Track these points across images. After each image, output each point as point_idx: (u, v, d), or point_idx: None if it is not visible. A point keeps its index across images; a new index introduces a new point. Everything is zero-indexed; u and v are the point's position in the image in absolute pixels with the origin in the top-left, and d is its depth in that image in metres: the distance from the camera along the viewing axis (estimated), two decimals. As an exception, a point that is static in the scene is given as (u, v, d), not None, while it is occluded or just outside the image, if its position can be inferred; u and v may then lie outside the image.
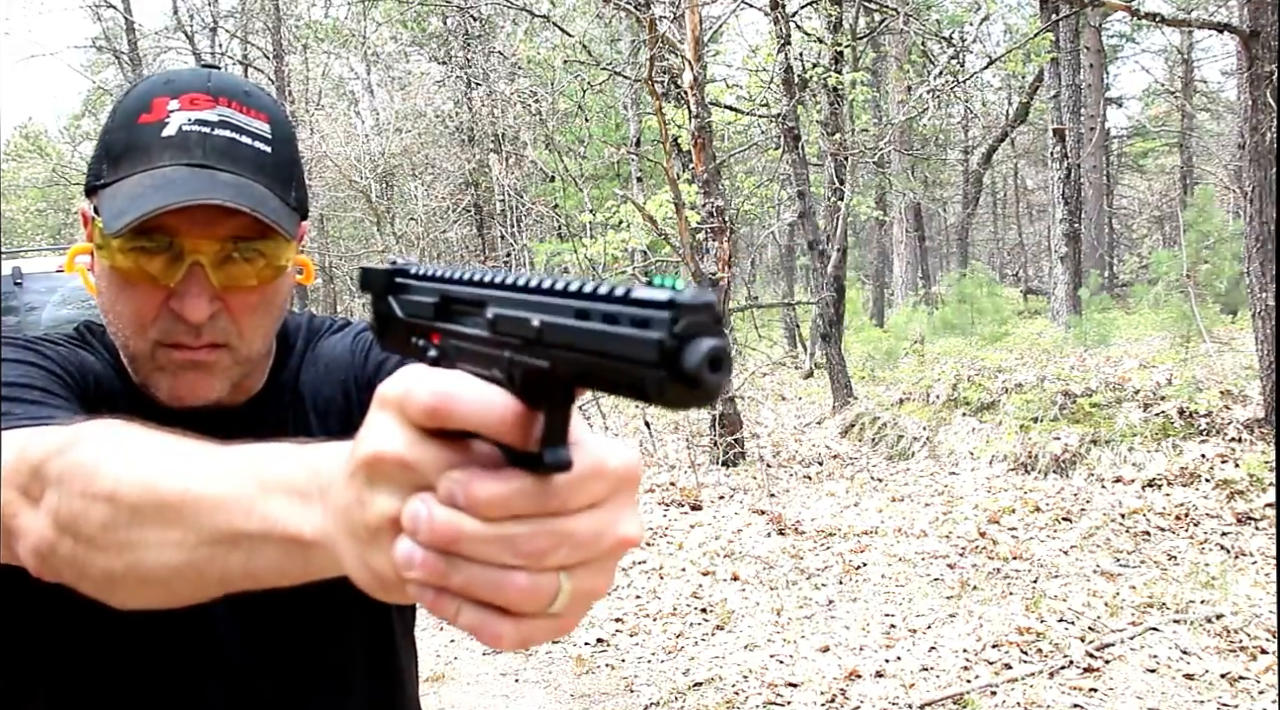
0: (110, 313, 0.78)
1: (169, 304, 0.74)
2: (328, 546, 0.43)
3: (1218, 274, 9.33)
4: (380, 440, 0.39)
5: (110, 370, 0.82)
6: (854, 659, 3.37)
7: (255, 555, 0.47)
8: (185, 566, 0.49)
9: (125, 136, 0.76)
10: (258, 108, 0.78)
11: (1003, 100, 22.69)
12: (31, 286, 5.76)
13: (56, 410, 0.68)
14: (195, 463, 0.51)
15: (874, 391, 8.08)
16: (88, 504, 0.52)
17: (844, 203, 8.60)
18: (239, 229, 0.74)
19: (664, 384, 0.32)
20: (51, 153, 24.26)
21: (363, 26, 16.47)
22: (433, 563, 0.37)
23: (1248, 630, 3.29)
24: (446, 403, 0.37)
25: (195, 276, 0.73)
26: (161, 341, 0.75)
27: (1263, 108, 4.77)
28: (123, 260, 0.73)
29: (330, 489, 0.43)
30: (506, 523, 0.36)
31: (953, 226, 21.51)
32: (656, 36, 6.75)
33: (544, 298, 0.37)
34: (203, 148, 0.74)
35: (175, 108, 0.75)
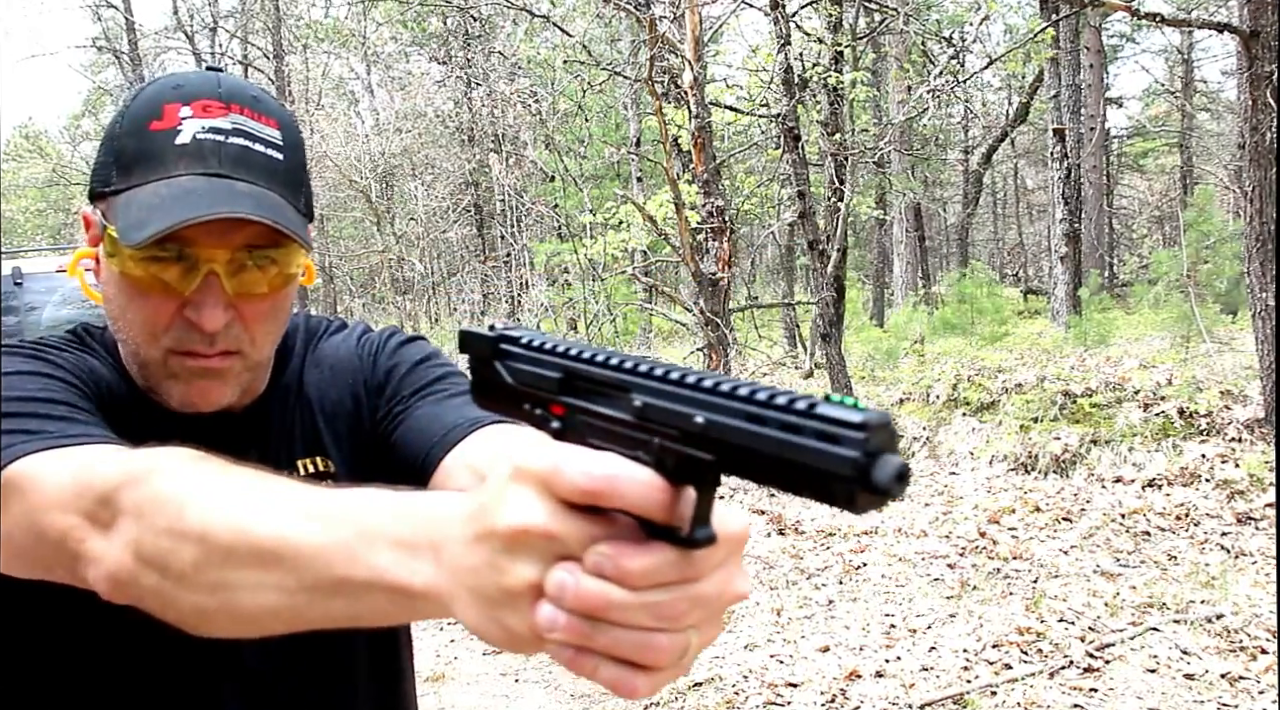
0: (120, 319, 0.77)
1: (183, 313, 0.74)
2: (438, 598, 0.45)
3: (1218, 274, 9.33)
4: (524, 514, 0.41)
5: (113, 373, 0.82)
6: (854, 659, 3.37)
7: (359, 602, 0.49)
8: (284, 609, 0.51)
9: (136, 143, 0.75)
10: (267, 113, 0.78)
11: (1003, 100, 22.69)
12: (32, 286, 5.79)
13: (88, 427, 0.68)
14: (287, 506, 0.52)
15: (874, 391, 8.08)
16: (176, 542, 0.53)
17: (844, 203, 8.60)
18: (253, 237, 0.74)
19: (854, 494, 0.35)
20: (52, 153, 24.27)
21: (363, 27, 16.47)
22: (577, 626, 0.40)
23: (1248, 630, 3.29)
24: (610, 486, 0.40)
25: (210, 285, 0.73)
26: (174, 349, 0.75)
27: (1263, 108, 4.77)
28: (136, 269, 0.73)
29: (445, 546, 0.45)
30: (651, 591, 0.40)
31: (953, 226, 21.52)
32: (656, 36, 6.75)
33: (699, 394, 0.40)
34: (218, 157, 0.74)
35: (188, 115, 0.75)
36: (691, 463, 0.40)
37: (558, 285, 12.14)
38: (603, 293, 9.46)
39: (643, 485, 0.40)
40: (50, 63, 49.75)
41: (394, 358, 0.90)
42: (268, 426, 0.86)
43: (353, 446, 0.88)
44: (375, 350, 0.91)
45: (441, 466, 0.80)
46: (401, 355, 0.90)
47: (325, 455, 0.87)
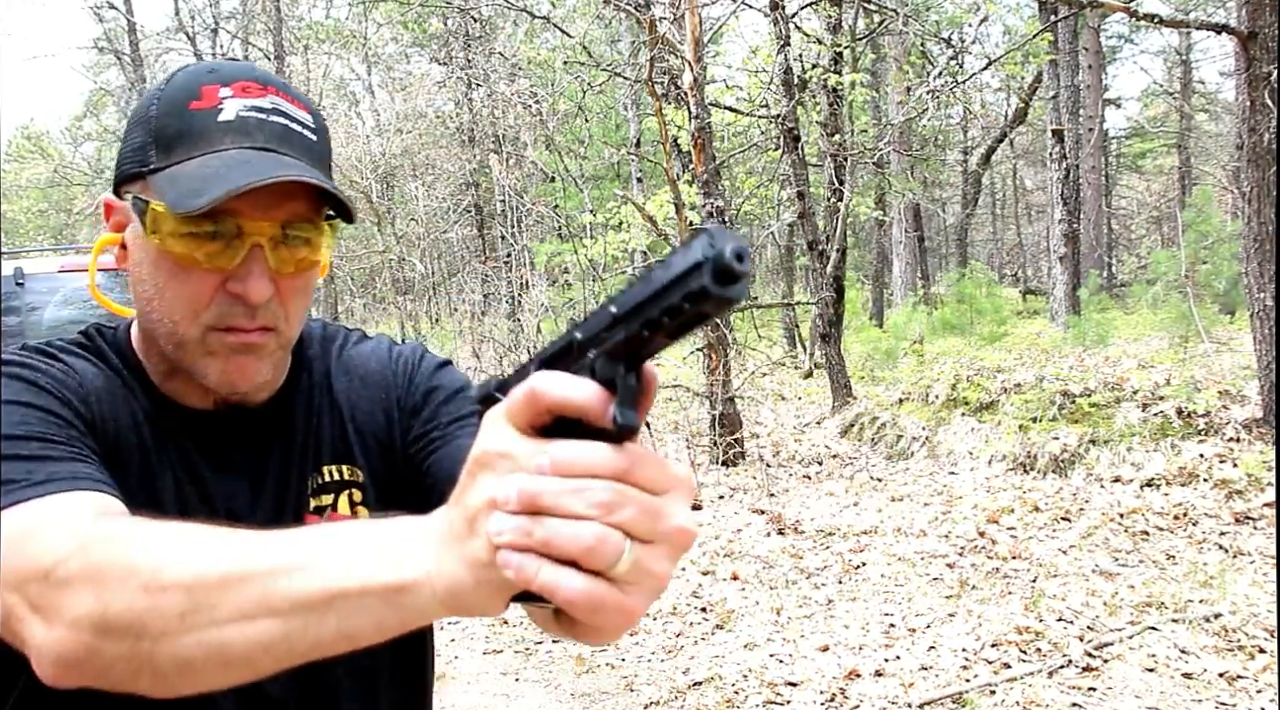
0: (156, 299, 0.76)
1: (226, 287, 0.74)
2: (429, 581, 0.48)
3: (1216, 274, 9.34)
4: (486, 440, 0.47)
5: (120, 375, 0.81)
6: (853, 658, 3.38)
7: (351, 614, 0.50)
8: (277, 639, 0.51)
9: (177, 123, 0.75)
10: (299, 99, 0.80)
11: (1001, 101, 22.69)
12: (33, 287, 5.80)
13: (59, 464, 0.66)
14: (273, 541, 0.53)
15: (873, 391, 8.09)
16: (156, 597, 0.52)
17: (843, 203, 8.61)
18: (293, 214, 0.75)
19: (714, 297, 0.42)
20: (53, 154, 24.26)
21: (364, 28, 16.47)
22: (520, 524, 0.44)
23: (1246, 629, 3.30)
24: (538, 386, 0.45)
25: (256, 258, 0.74)
26: (214, 325, 0.75)
27: (1261, 108, 4.78)
28: (179, 245, 0.72)
29: (431, 526, 0.49)
30: (582, 479, 0.43)
31: (952, 227, 21.52)
32: (656, 37, 6.76)
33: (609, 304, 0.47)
34: (263, 132, 0.75)
35: (228, 94, 0.75)
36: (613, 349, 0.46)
37: (558, 285, 12.15)
38: (603, 293, 9.47)
39: (568, 381, 0.45)
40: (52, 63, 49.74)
41: (432, 380, 0.89)
42: (291, 425, 0.86)
43: (381, 462, 0.87)
44: (411, 369, 0.90)
45: None
46: (440, 380, 0.90)
47: (354, 464, 0.87)
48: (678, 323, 0.43)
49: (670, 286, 0.42)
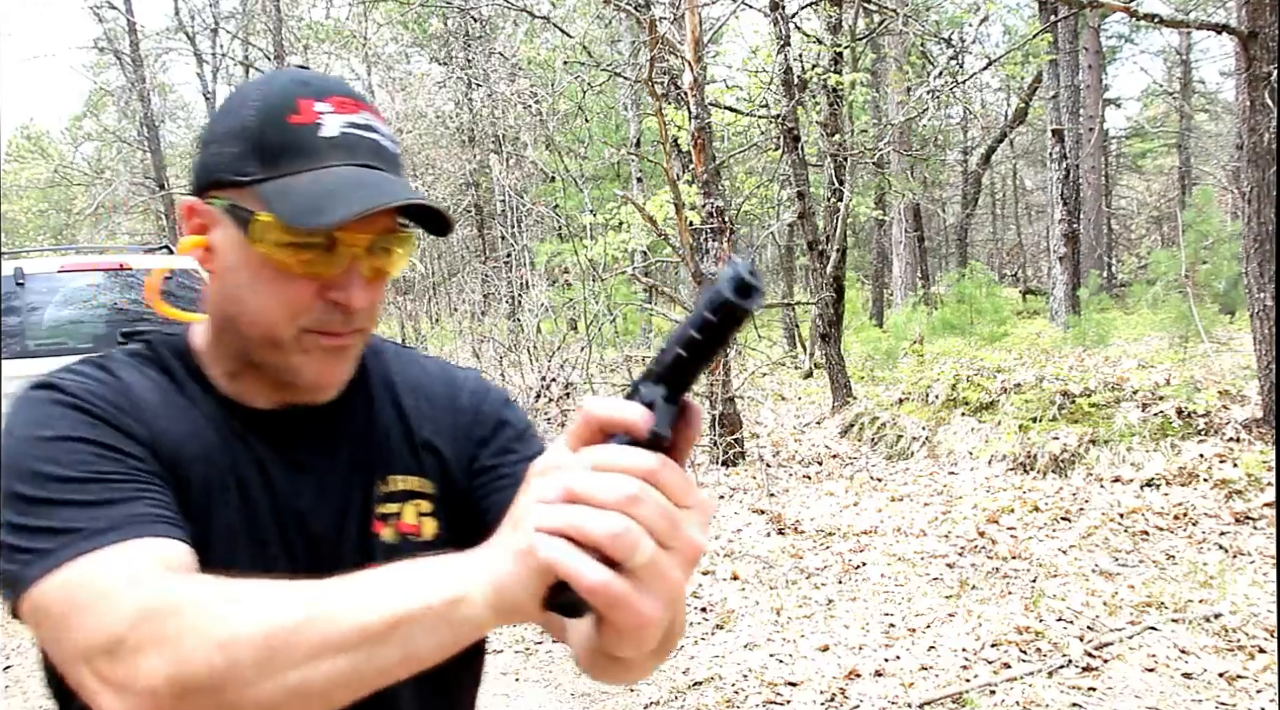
0: (251, 302, 0.79)
1: (324, 294, 0.78)
2: (477, 585, 0.53)
3: (1216, 274, 9.34)
4: (543, 458, 0.54)
5: (180, 384, 0.83)
6: (853, 658, 3.38)
7: (411, 637, 0.55)
8: (347, 672, 0.55)
9: (279, 136, 0.77)
10: (376, 111, 0.84)
11: (1001, 101, 22.70)
12: (33, 287, 5.79)
13: (119, 507, 0.67)
14: (330, 584, 0.58)
15: (873, 391, 8.09)
16: (230, 652, 0.55)
17: (843, 203, 8.61)
18: (384, 227, 0.79)
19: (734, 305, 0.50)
20: (53, 154, 24.26)
21: (364, 28, 16.46)
22: (555, 508, 0.50)
23: (1246, 629, 3.30)
24: (589, 408, 0.53)
25: (356, 269, 0.78)
26: (311, 329, 0.79)
27: (1261, 108, 4.78)
28: (284, 253, 0.76)
29: (490, 540, 0.55)
30: (612, 473, 0.50)
31: (952, 227, 21.52)
32: (656, 38, 6.76)
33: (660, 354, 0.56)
34: (363, 149, 0.79)
35: (326, 110, 0.79)
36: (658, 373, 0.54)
37: (558, 285, 12.15)
38: (603, 293, 9.47)
39: (614, 404, 0.52)
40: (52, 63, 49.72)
41: (501, 414, 0.92)
42: (357, 428, 0.87)
43: (443, 483, 0.89)
44: (478, 399, 0.92)
45: None
46: (509, 415, 0.93)
47: (423, 477, 0.88)
48: (705, 337, 0.50)
49: (699, 308, 0.50)
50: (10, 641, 4.19)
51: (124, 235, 22.76)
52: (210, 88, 20.24)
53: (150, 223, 22.54)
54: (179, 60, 20.79)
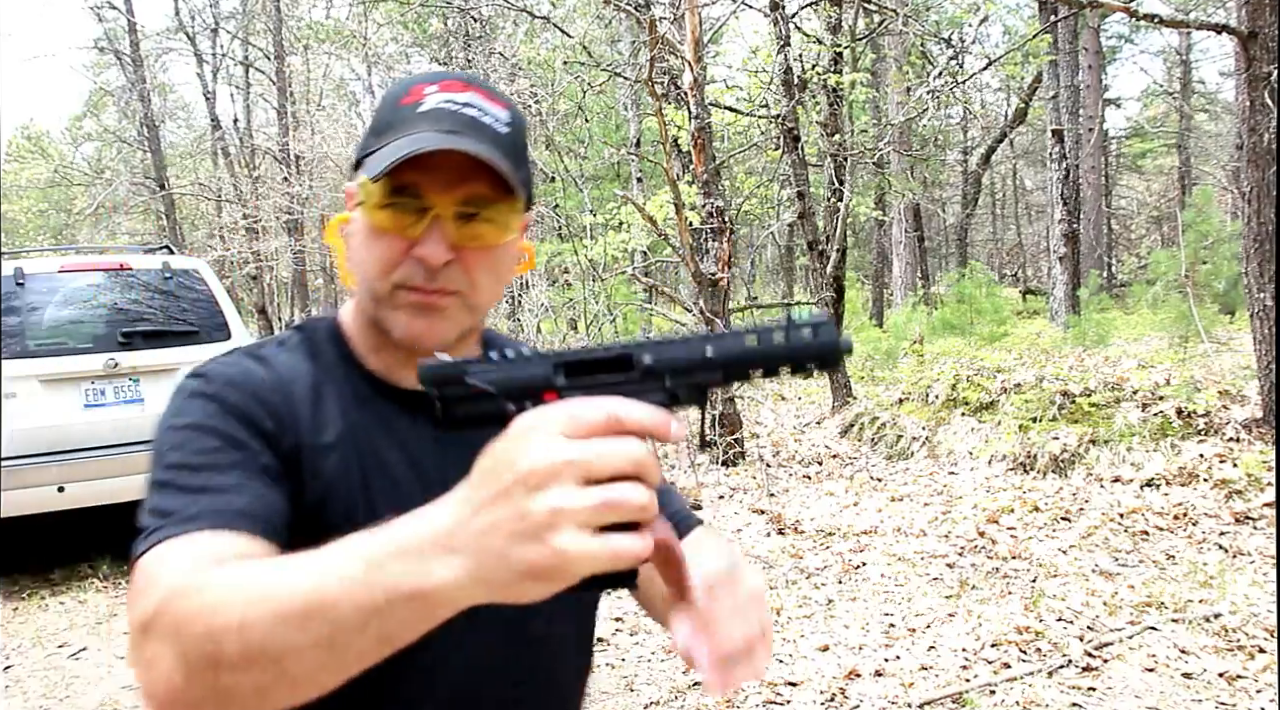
0: (362, 262, 0.88)
1: (412, 252, 0.85)
2: (457, 586, 0.52)
3: (1216, 274, 9.34)
4: (552, 452, 0.51)
5: (329, 366, 0.90)
6: (853, 658, 3.38)
7: (384, 623, 0.54)
8: (329, 662, 0.56)
9: (388, 116, 0.88)
10: (501, 100, 0.90)
11: (1001, 101, 22.70)
12: (33, 287, 5.79)
13: (214, 496, 0.74)
14: (305, 569, 0.57)
15: (873, 391, 8.09)
16: (219, 641, 0.57)
17: (843, 203, 8.61)
18: (475, 192, 0.85)
19: (840, 358, 0.58)
20: (54, 154, 24.26)
21: (364, 28, 16.47)
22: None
23: (1246, 629, 3.30)
24: (624, 410, 0.52)
25: (436, 228, 0.84)
26: (401, 284, 0.86)
27: (1261, 108, 4.79)
28: (378, 215, 0.85)
29: (455, 529, 0.52)
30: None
31: (952, 227, 21.51)
32: (656, 37, 6.76)
33: (696, 341, 0.58)
34: (452, 120, 0.85)
35: (433, 91, 0.88)
36: (702, 385, 0.58)
37: (558, 285, 12.15)
38: (603, 293, 9.47)
39: (648, 409, 0.52)
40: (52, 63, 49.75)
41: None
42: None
43: None
44: None
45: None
46: None
47: None
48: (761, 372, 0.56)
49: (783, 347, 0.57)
50: (10, 641, 4.19)
51: (124, 235, 22.76)
52: (210, 88, 20.22)
53: (150, 223, 22.54)
54: (179, 60, 20.80)
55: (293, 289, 19.94)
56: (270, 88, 19.68)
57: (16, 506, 4.68)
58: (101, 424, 4.92)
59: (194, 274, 5.61)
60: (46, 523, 5.07)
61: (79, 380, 4.96)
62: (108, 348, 5.03)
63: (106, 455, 4.83)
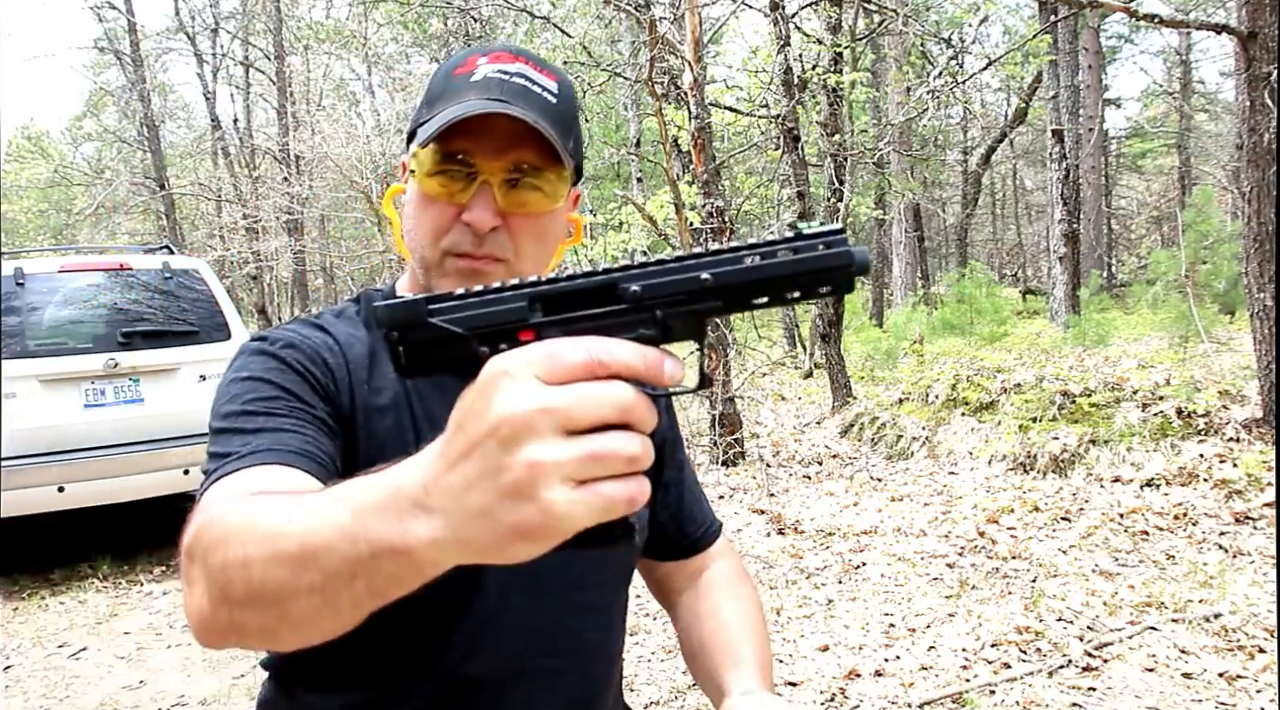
0: (414, 229, 0.90)
1: (461, 218, 0.87)
2: (438, 545, 0.48)
3: (1216, 274, 9.34)
4: (525, 399, 0.45)
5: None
6: (853, 658, 3.38)
7: (375, 577, 0.51)
8: (325, 607, 0.54)
9: (442, 86, 0.90)
10: (551, 71, 0.91)
11: (1001, 101, 22.70)
12: (33, 287, 5.80)
13: (269, 434, 0.77)
14: (303, 511, 0.55)
15: (873, 391, 8.09)
16: (230, 575, 0.57)
17: (843, 203, 8.61)
18: (522, 158, 0.86)
19: (853, 276, 0.50)
20: (54, 153, 24.26)
21: (364, 28, 16.47)
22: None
23: (1246, 629, 3.30)
24: (604, 353, 0.46)
25: (484, 194, 0.86)
26: (449, 251, 0.88)
27: (1261, 109, 4.79)
28: (429, 182, 0.87)
29: (431, 486, 0.48)
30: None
31: (952, 227, 21.51)
32: (656, 38, 6.76)
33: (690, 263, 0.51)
34: (501, 88, 0.86)
35: (484, 62, 0.89)
36: (698, 315, 0.51)
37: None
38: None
39: (636, 348, 0.47)
40: (52, 63, 49.74)
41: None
42: None
43: None
44: None
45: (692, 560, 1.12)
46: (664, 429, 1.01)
47: None
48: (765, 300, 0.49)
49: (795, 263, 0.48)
50: (10, 641, 4.19)
51: (124, 235, 22.76)
52: (210, 88, 20.23)
53: (150, 223, 22.54)
54: (179, 60, 20.81)
55: (293, 289, 19.94)
56: (270, 88, 19.69)
57: (16, 506, 4.69)
58: (101, 424, 4.92)
59: (194, 274, 5.61)
60: (46, 523, 5.07)
61: (79, 380, 4.96)
62: (108, 348, 5.03)
63: (106, 455, 4.83)
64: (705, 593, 1.09)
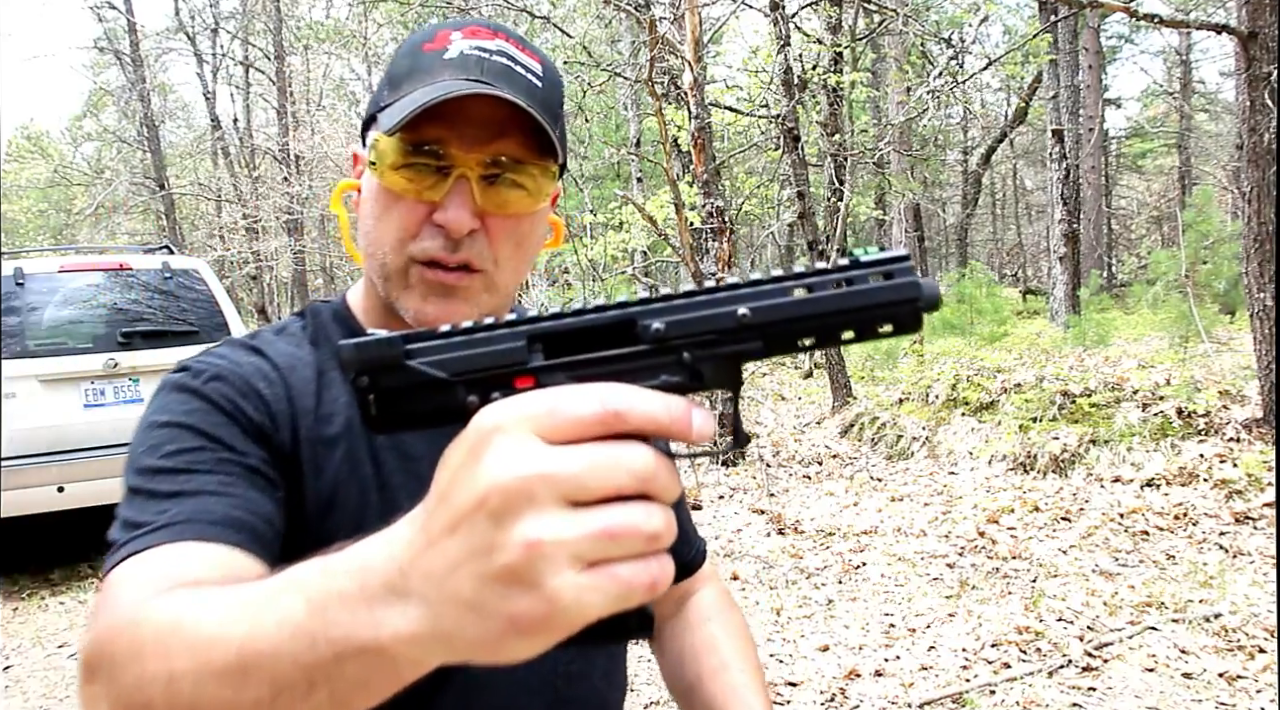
0: (373, 232, 0.78)
1: (432, 218, 0.75)
2: (417, 640, 0.39)
3: (1216, 274, 9.34)
4: (519, 463, 0.37)
5: (326, 349, 0.80)
6: (853, 658, 3.38)
7: (338, 683, 0.42)
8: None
9: (408, 63, 0.77)
10: (532, 50, 0.80)
11: (1001, 101, 22.70)
12: (33, 287, 5.80)
13: (190, 499, 0.65)
14: (241, 610, 0.46)
15: (873, 391, 8.09)
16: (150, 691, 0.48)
17: (843, 203, 8.61)
18: (505, 151, 0.74)
19: (920, 312, 0.43)
20: (53, 153, 24.27)
21: (363, 27, 16.47)
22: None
23: (1246, 629, 3.30)
24: (621, 403, 0.38)
25: (461, 190, 0.74)
26: (417, 258, 0.76)
27: (1261, 108, 4.78)
28: (393, 177, 0.75)
29: (410, 570, 0.39)
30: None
31: (952, 227, 21.52)
32: (656, 37, 6.76)
33: (725, 295, 0.43)
34: (480, 68, 0.75)
35: (458, 37, 0.77)
36: (735, 358, 0.43)
37: (558, 285, 12.16)
38: (603, 293, 9.48)
39: (659, 397, 0.38)
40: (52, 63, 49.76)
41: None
42: None
43: None
44: None
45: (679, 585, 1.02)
46: None
47: None
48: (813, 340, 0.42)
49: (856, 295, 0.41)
50: (10, 641, 4.19)
51: (124, 235, 22.76)
52: (210, 88, 20.24)
53: (150, 223, 22.54)
54: (179, 60, 20.81)
55: (293, 289, 19.94)
56: (270, 88, 19.69)
57: (16, 506, 4.69)
58: (101, 424, 4.92)
59: (194, 274, 5.61)
60: (46, 523, 5.07)
61: (79, 380, 4.96)
62: (107, 348, 5.04)
63: (106, 455, 4.83)
64: (696, 623, 1.00)
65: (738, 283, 0.43)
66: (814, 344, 0.43)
